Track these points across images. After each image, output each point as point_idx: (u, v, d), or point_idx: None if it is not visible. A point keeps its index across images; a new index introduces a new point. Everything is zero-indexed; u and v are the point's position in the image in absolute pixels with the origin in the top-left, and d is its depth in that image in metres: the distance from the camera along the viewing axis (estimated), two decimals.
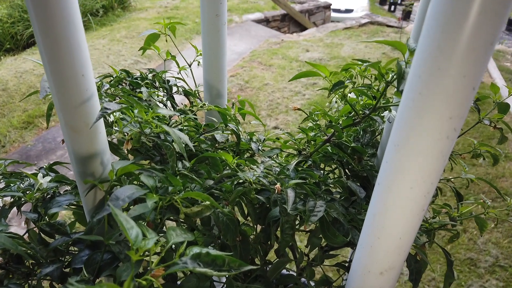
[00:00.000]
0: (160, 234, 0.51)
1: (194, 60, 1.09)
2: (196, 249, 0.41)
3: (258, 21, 6.53)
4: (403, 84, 0.50)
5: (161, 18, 6.37)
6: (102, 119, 0.58)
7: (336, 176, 0.92)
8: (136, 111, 0.55)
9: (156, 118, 0.59)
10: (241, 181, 0.66)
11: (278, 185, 0.58)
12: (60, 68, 0.49)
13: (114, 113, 0.62)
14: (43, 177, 0.71)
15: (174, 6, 7.07)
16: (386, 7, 11.50)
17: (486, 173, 2.94)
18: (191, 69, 1.08)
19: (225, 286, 0.71)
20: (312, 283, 0.84)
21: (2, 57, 4.93)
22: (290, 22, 7.00)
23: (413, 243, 0.66)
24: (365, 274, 0.49)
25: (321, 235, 0.74)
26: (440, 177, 0.41)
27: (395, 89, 0.76)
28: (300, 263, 0.83)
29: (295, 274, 0.86)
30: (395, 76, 0.57)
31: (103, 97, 0.72)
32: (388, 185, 0.41)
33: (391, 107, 0.66)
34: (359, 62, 0.63)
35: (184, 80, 1.05)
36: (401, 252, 0.45)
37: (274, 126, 3.64)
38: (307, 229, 0.58)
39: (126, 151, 0.83)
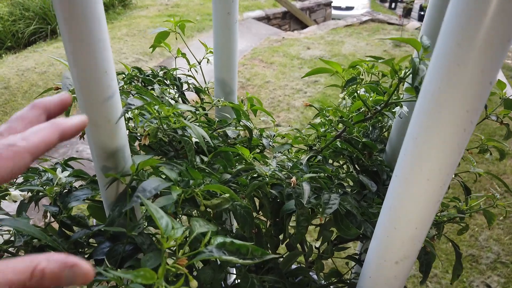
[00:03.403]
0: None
1: (203, 58, 1.10)
2: (220, 239, 0.43)
3: (259, 19, 6.54)
4: (417, 80, 0.52)
5: (161, 16, 6.38)
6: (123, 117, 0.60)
7: (345, 171, 0.94)
8: (156, 107, 0.57)
9: (174, 114, 0.61)
10: (255, 175, 0.67)
11: (293, 178, 0.59)
12: (85, 64, 0.50)
13: (133, 110, 0.64)
14: (62, 171, 0.73)
15: (174, 4, 7.07)
16: (387, 4, 11.51)
17: (487, 170, 2.96)
18: (200, 66, 1.09)
19: (239, 278, 0.73)
20: (322, 276, 0.86)
21: (3, 55, 4.94)
22: (291, 20, 7.01)
23: None
24: (380, 263, 0.51)
25: (331, 229, 0.76)
26: (456, 169, 0.43)
27: (405, 85, 0.78)
28: (309, 256, 0.85)
29: (304, 266, 0.87)
30: (408, 72, 0.59)
31: None
32: (406, 176, 0.43)
33: (402, 103, 0.68)
34: (370, 59, 0.65)
35: (194, 77, 1.06)
36: (416, 241, 0.47)
37: (276, 124, 3.66)
38: (322, 221, 0.59)
39: (138, 147, 0.85)
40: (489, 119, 0.83)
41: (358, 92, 0.70)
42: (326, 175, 0.70)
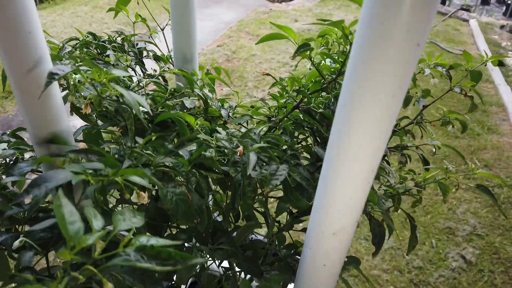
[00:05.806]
0: None
1: (167, 24, 1.05)
2: (143, 239, 0.37)
3: None
4: None
5: None
6: (56, 82, 0.56)
7: (310, 143, 0.92)
8: (89, 72, 0.53)
9: (114, 81, 0.57)
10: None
11: (240, 148, 0.57)
12: (2, 24, 0.46)
13: (72, 76, 0.60)
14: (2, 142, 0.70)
15: None
16: None
17: (468, 145, 2.98)
18: (163, 33, 1.04)
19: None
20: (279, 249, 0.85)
21: None
22: None
23: (378, 209, 0.67)
24: (319, 235, 0.50)
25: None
26: (389, 138, 0.41)
27: None
28: (271, 228, 0.84)
29: (266, 240, 0.87)
30: None
31: (63, 59, 0.69)
32: (338, 146, 0.41)
33: None
34: (324, 22, 0.61)
35: (155, 44, 1.02)
36: (352, 212, 0.46)
37: (261, 98, 3.61)
38: (267, 193, 0.57)
39: (95, 117, 0.81)
40: (453, 91, 0.81)
41: (313, 60, 0.66)
42: (280, 146, 0.67)
